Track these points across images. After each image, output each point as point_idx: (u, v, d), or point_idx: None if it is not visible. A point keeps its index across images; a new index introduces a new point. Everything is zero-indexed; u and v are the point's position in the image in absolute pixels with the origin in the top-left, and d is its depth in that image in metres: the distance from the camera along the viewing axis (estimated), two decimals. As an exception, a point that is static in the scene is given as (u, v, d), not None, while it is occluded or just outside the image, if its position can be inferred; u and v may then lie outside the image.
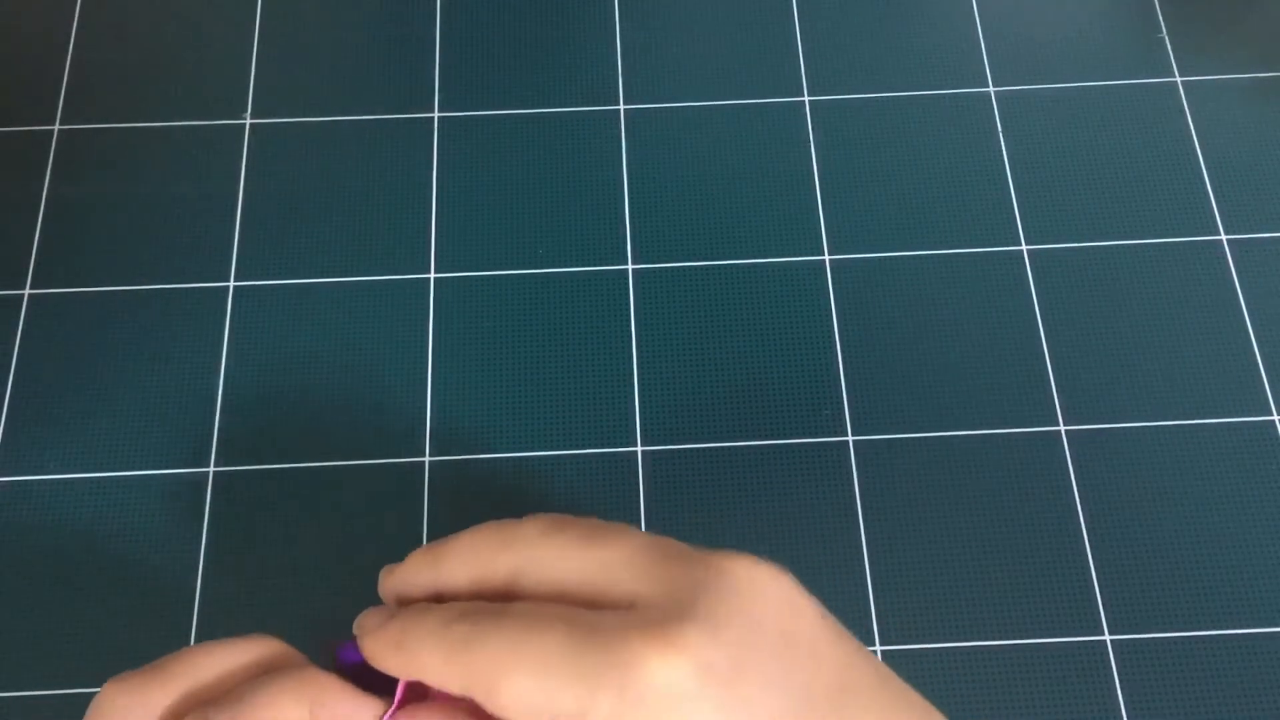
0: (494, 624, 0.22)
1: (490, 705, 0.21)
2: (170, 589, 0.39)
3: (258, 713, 0.23)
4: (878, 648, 0.38)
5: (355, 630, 0.25)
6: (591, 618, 0.21)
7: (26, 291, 0.43)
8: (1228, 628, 0.38)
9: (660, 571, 0.22)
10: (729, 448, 0.41)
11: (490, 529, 0.25)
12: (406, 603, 0.26)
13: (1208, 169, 0.46)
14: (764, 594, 0.21)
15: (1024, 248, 0.44)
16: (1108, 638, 0.38)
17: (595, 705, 0.20)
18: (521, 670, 0.21)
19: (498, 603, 0.23)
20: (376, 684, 0.25)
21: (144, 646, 0.38)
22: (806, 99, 0.47)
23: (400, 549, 0.30)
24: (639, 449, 0.41)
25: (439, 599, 0.25)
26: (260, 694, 0.23)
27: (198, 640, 0.38)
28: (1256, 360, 0.42)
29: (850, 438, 0.41)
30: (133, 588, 0.39)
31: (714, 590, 0.21)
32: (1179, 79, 0.47)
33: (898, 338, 0.43)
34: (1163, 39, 0.48)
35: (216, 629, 0.38)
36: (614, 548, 0.23)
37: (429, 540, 0.38)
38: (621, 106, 0.47)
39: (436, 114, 0.47)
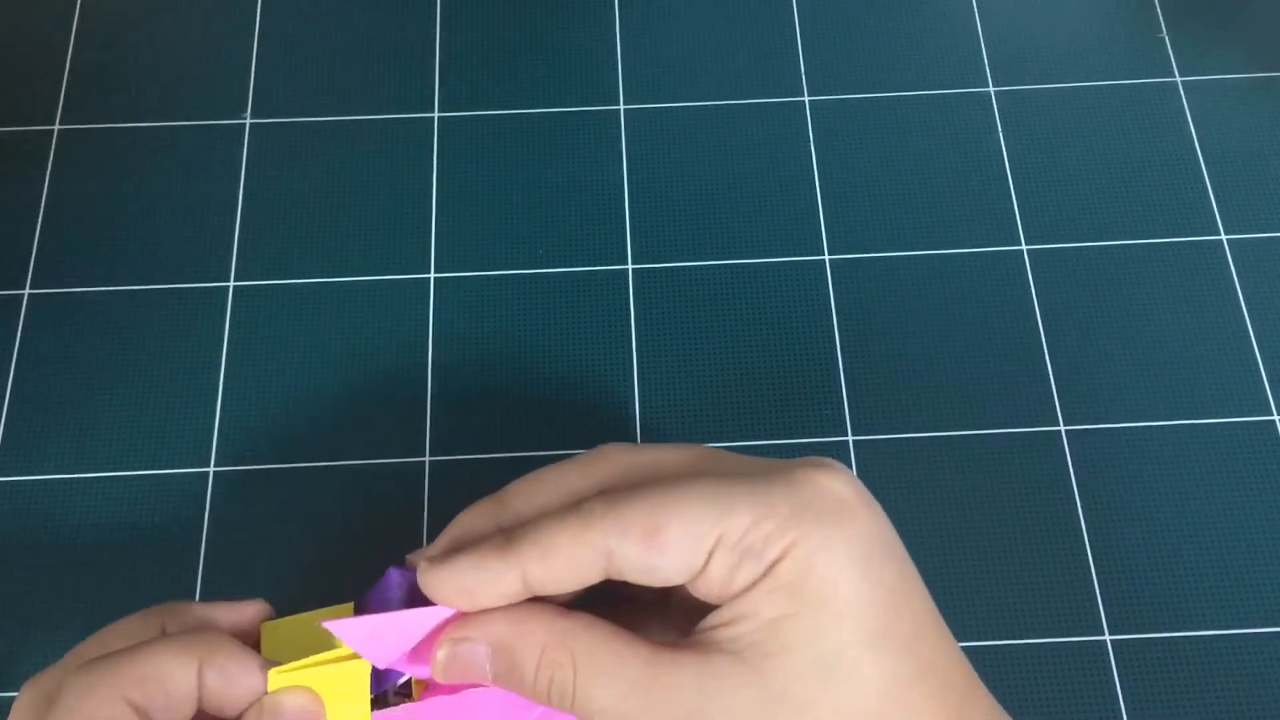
0: (637, 487, 0.22)
1: (649, 550, 0.21)
2: (170, 589, 0.39)
3: (140, 670, 0.22)
4: (878, 648, 0.38)
5: (421, 562, 0.24)
6: (736, 472, 0.23)
7: (26, 291, 0.43)
8: (1228, 628, 0.38)
9: (770, 460, 0.24)
10: (729, 448, 0.41)
11: (556, 465, 0.25)
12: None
13: (1208, 169, 0.46)
14: (854, 475, 0.24)
15: (1024, 248, 0.44)
16: (1108, 638, 0.38)
17: (774, 511, 0.21)
18: (690, 498, 0.22)
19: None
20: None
21: (144, 646, 0.38)
22: (806, 99, 0.47)
23: (400, 549, 0.30)
24: (639, 449, 0.41)
25: None
26: (143, 653, 0.22)
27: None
28: (1256, 360, 0.42)
29: (850, 438, 0.41)
30: (132, 588, 0.39)
31: (824, 460, 0.24)
32: (1179, 79, 0.47)
33: (898, 338, 0.43)
34: (1163, 39, 0.48)
35: (216, 629, 0.38)
36: (716, 450, 0.24)
37: (429, 541, 0.38)
38: (621, 106, 0.47)
39: (436, 114, 0.47)
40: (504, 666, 0.22)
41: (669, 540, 0.21)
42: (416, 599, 0.23)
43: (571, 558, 0.22)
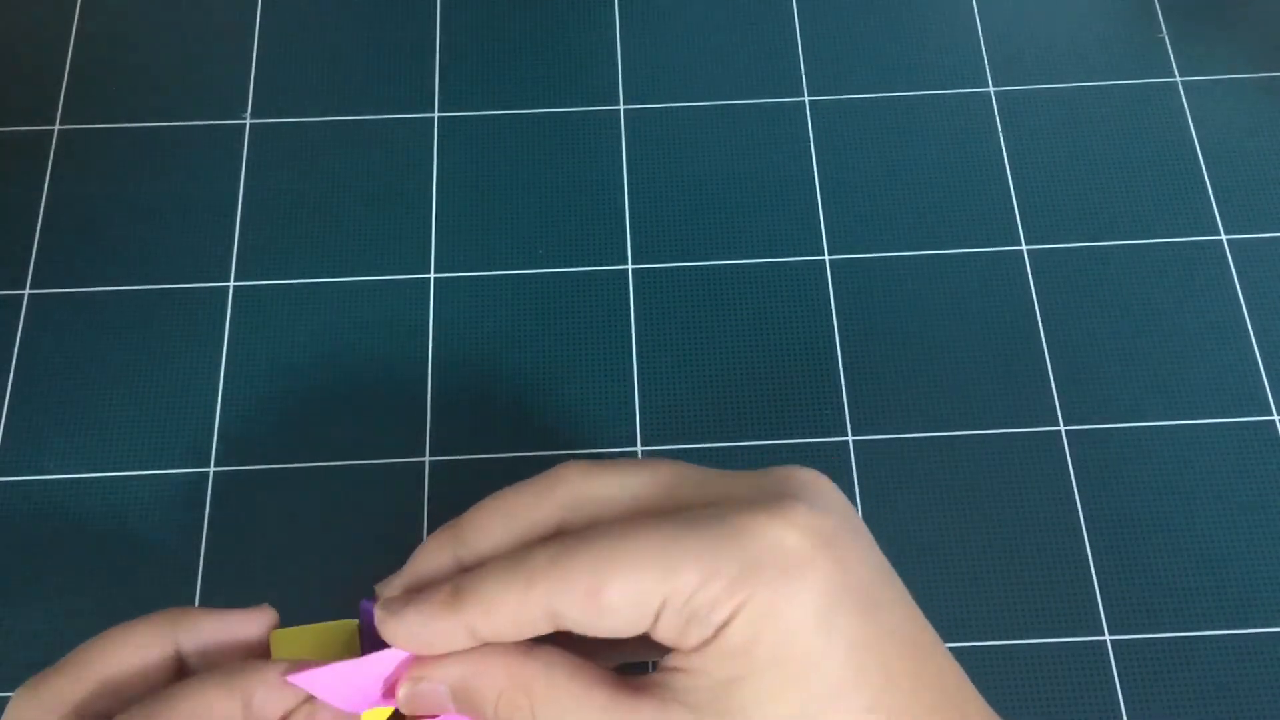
0: (583, 537, 0.22)
1: (591, 612, 0.21)
2: (170, 589, 0.39)
3: (187, 709, 0.22)
4: (878, 648, 0.38)
5: (378, 597, 0.24)
6: (688, 513, 0.22)
7: (26, 291, 0.43)
8: (1228, 628, 0.38)
9: (735, 478, 0.23)
10: (729, 448, 0.41)
11: (514, 489, 0.24)
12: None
13: (1208, 169, 0.46)
14: (830, 491, 0.23)
15: (1024, 248, 0.44)
16: (1108, 638, 0.38)
17: (720, 571, 0.21)
18: (634, 557, 0.21)
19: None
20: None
21: (144, 646, 0.38)
22: (806, 99, 0.47)
23: (400, 549, 0.30)
24: (639, 449, 0.41)
25: None
26: (184, 693, 0.22)
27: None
28: (1256, 360, 0.42)
29: (850, 438, 0.41)
30: (132, 588, 0.39)
31: (793, 483, 0.23)
32: (1179, 79, 0.47)
33: (898, 338, 0.43)
34: (1163, 39, 0.48)
35: (216, 629, 0.38)
36: (678, 468, 0.23)
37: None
38: (621, 106, 0.47)
39: (436, 114, 0.47)
40: (464, 705, 0.23)
41: (611, 602, 0.21)
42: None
43: (515, 615, 0.22)
